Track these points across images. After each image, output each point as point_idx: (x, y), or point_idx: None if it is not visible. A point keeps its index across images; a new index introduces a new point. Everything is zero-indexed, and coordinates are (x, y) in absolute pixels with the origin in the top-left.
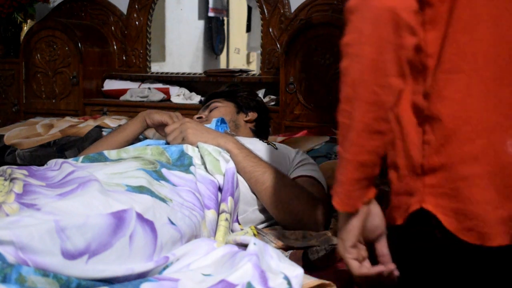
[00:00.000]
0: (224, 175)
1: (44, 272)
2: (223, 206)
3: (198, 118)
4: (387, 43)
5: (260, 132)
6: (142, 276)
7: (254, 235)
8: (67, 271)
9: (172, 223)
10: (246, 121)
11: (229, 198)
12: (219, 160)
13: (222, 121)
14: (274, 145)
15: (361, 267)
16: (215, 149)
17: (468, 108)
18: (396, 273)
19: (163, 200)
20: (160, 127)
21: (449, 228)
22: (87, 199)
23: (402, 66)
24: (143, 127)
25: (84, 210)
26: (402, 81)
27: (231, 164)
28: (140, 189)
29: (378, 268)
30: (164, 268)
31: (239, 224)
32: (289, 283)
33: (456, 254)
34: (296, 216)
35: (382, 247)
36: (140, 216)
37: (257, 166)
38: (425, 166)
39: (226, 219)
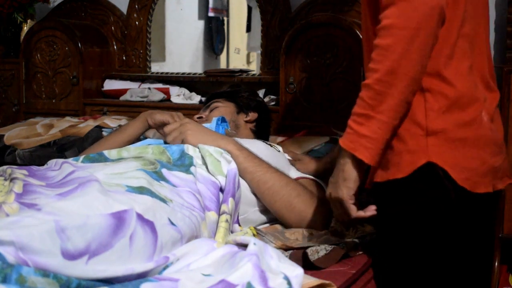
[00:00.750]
0: (226, 176)
1: (44, 273)
2: (223, 207)
3: (198, 118)
4: (432, 32)
5: (261, 133)
6: (142, 276)
7: (254, 235)
8: (67, 271)
9: (172, 223)
10: (246, 121)
11: (230, 199)
12: (220, 161)
13: (223, 120)
14: (276, 147)
15: (358, 211)
16: (216, 150)
17: (463, 85)
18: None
19: (163, 200)
20: (161, 127)
21: (454, 177)
22: (88, 200)
23: (432, 50)
24: (145, 127)
25: (85, 211)
26: None
27: (233, 165)
28: (140, 190)
29: (370, 212)
30: (164, 268)
31: (239, 225)
32: (289, 283)
33: (455, 198)
34: (298, 215)
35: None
36: (140, 217)
37: (258, 166)
38: (429, 129)
39: (227, 220)
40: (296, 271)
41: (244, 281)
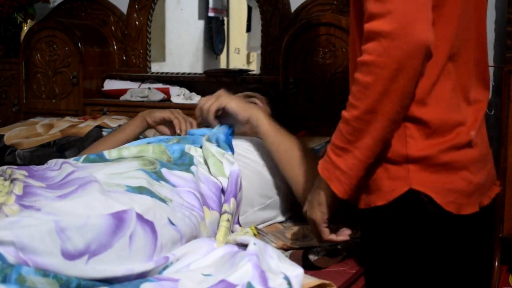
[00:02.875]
0: (227, 178)
1: (44, 273)
2: (225, 207)
3: None
4: (417, 72)
5: None
6: (142, 276)
7: (254, 235)
8: (67, 271)
9: (172, 223)
10: None
11: (232, 200)
12: (222, 162)
13: (232, 132)
14: None
15: (330, 234)
16: (218, 151)
17: (445, 110)
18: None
19: (163, 200)
20: (160, 126)
21: (438, 202)
22: (87, 200)
23: (414, 88)
24: (143, 127)
25: (84, 211)
26: None
27: (236, 166)
28: (140, 190)
29: (342, 237)
30: (164, 268)
31: (240, 226)
32: (289, 283)
33: (441, 223)
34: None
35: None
36: (140, 217)
37: (288, 137)
38: (410, 157)
39: (228, 220)
40: (296, 271)
41: (244, 281)
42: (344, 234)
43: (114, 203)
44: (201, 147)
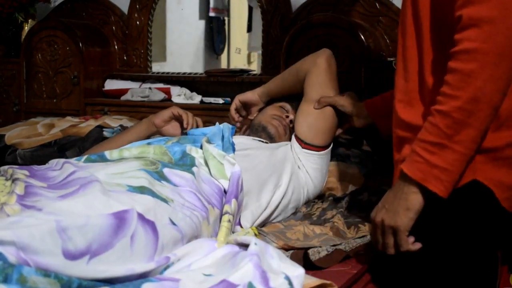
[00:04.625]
0: (229, 180)
1: (45, 273)
2: (226, 208)
3: (291, 121)
4: None
5: None
6: (143, 276)
7: (255, 235)
8: (68, 271)
9: (173, 223)
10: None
11: (233, 200)
12: (223, 164)
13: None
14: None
15: (413, 244)
16: (219, 153)
17: None
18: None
19: (164, 200)
20: (166, 128)
21: (497, 197)
22: (88, 200)
23: None
24: (150, 131)
25: (85, 211)
26: None
27: (237, 168)
28: (141, 190)
29: (418, 246)
30: (165, 268)
31: (241, 227)
32: (290, 283)
33: (495, 218)
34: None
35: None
36: (141, 217)
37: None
38: (480, 147)
39: (229, 221)
40: (297, 271)
41: (245, 281)
42: (416, 243)
43: (115, 203)
44: (201, 148)
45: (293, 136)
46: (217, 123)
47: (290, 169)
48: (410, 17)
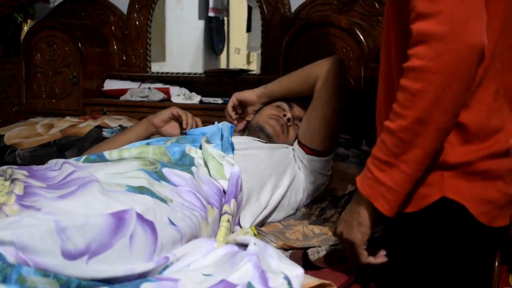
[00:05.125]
0: (228, 180)
1: (44, 273)
2: (225, 208)
3: (288, 119)
4: (471, 78)
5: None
6: (143, 276)
7: (255, 235)
8: (67, 271)
9: (172, 223)
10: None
11: (232, 201)
12: (223, 164)
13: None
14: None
15: (369, 256)
16: (219, 153)
17: (486, 115)
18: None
19: (163, 200)
20: (165, 128)
21: (473, 212)
22: (88, 200)
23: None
24: (150, 131)
25: (85, 211)
26: None
27: (236, 168)
28: (141, 190)
29: (381, 259)
30: (165, 268)
31: (241, 227)
32: (289, 283)
33: (472, 235)
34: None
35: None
36: (140, 217)
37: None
38: (446, 162)
39: (228, 221)
40: (296, 271)
41: (245, 281)
42: (381, 256)
43: (115, 203)
44: (200, 148)
45: (296, 142)
46: (216, 123)
47: (290, 171)
48: (385, 26)
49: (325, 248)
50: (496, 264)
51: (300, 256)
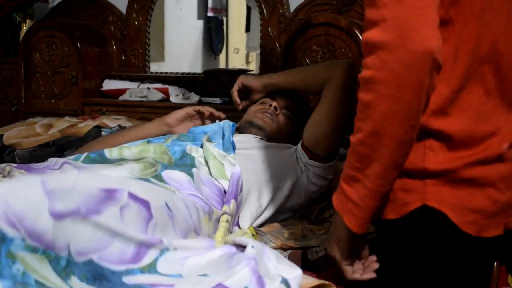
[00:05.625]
0: (229, 180)
1: (33, 248)
2: (225, 208)
3: (275, 108)
4: (423, 87)
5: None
6: (139, 248)
7: (253, 235)
8: (57, 234)
9: (168, 208)
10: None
11: (232, 201)
12: (224, 164)
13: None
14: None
15: (354, 272)
16: (220, 153)
17: (472, 122)
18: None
19: (163, 187)
20: (177, 128)
21: (454, 221)
22: (80, 175)
23: (426, 102)
24: (160, 129)
25: (74, 180)
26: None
27: (237, 168)
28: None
29: (369, 275)
30: (161, 253)
31: (240, 227)
32: (287, 284)
33: (455, 244)
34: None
35: (367, 254)
36: (133, 196)
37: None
38: (427, 170)
39: (227, 221)
40: (294, 272)
41: (242, 285)
42: (370, 272)
43: (108, 181)
44: (201, 147)
45: (299, 145)
46: (217, 121)
47: (293, 172)
48: None
49: (324, 248)
50: (495, 264)
51: (299, 256)
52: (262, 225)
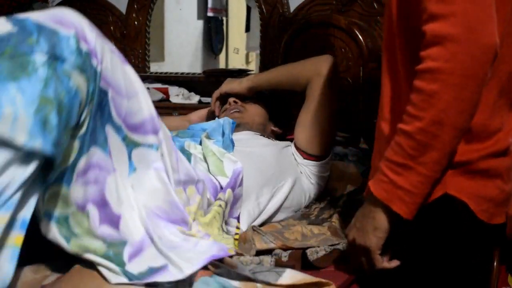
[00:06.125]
0: (227, 177)
1: (81, 69)
2: (220, 195)
3: (234, 101)
4: (485, 78)
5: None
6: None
7: (235, 245)
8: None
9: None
10: (273, 131)
11: (228, 190)
12: (223, 161)
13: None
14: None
15: (384, 261)
16: (219, 150)
17: (488, 116)
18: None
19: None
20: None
21: (472, 208)
22: None
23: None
24: (183, 125)
25: None
26: None
27: (239, 165)
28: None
29: (395, 263)
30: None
31: (238, 222)
32: None
33: (472, 231)
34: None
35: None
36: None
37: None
38: (450, 161)
39: (220, 205)
40: None
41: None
42: (394, 260)
43: None
44: (200, 144)
45: (292, 145)
46: (217, 118)
47: (293, 172)
48: (387, 26)
49: (324, 248)
50: (495, 264)
51: (299, 256)
52: (261, 225)
